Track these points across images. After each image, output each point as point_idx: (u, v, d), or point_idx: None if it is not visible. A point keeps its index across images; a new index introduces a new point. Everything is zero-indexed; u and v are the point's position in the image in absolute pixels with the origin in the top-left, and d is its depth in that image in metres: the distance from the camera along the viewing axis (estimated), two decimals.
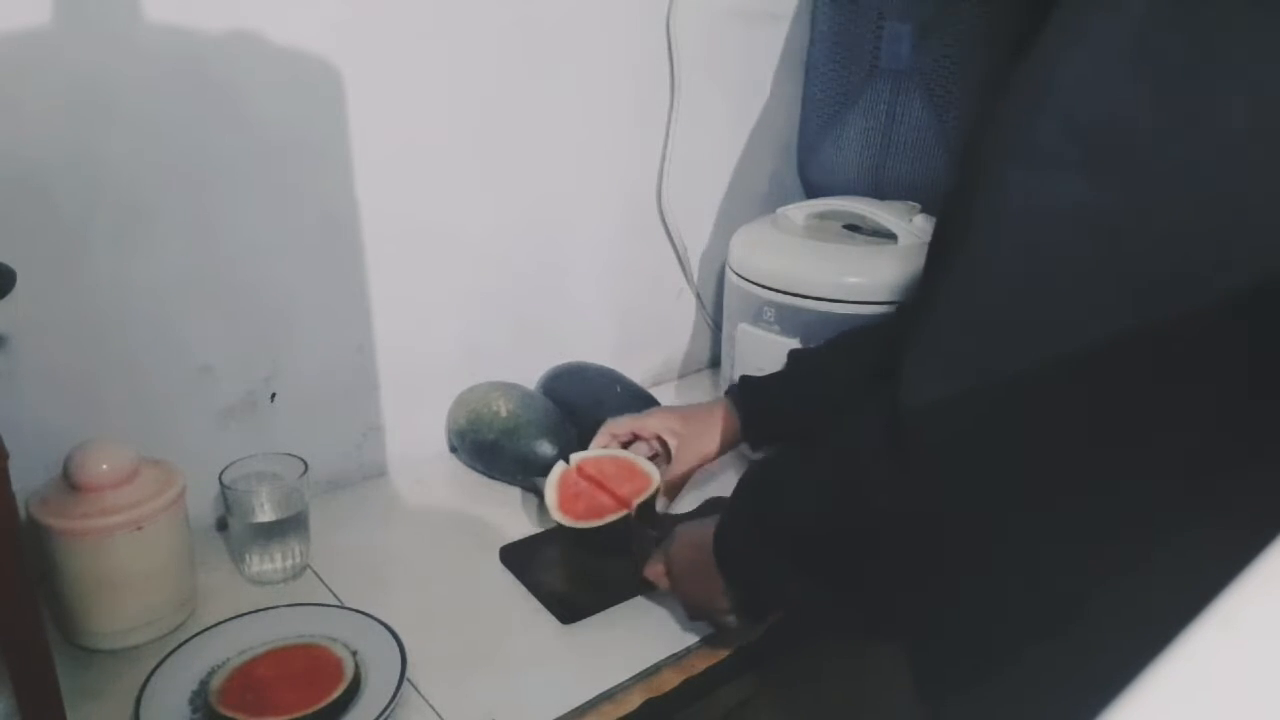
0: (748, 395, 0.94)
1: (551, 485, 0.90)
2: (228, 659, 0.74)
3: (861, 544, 0.62)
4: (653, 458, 0.95)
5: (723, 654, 0.81)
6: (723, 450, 0.94)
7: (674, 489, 0.94)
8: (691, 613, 0.80)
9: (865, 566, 0.63)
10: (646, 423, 0.95)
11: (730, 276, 1.12)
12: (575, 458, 0.92)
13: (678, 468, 0.92)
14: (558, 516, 0.88)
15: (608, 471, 0.91)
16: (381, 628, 0.78)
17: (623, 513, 0.87)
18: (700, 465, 0.94)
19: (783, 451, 0.77)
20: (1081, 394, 0.49)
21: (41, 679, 0.55)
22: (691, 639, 0.81)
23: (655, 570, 0.81)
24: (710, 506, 0.97)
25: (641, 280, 1.28)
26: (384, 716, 0.69)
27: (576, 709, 0.74)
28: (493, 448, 1.04)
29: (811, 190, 1.36)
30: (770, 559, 0.68)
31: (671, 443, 0.93)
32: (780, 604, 0.77)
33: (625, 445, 0.95)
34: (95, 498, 0.75)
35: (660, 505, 0.91)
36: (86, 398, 0.85)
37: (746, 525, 0.70)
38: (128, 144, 0.82)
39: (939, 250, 0.63)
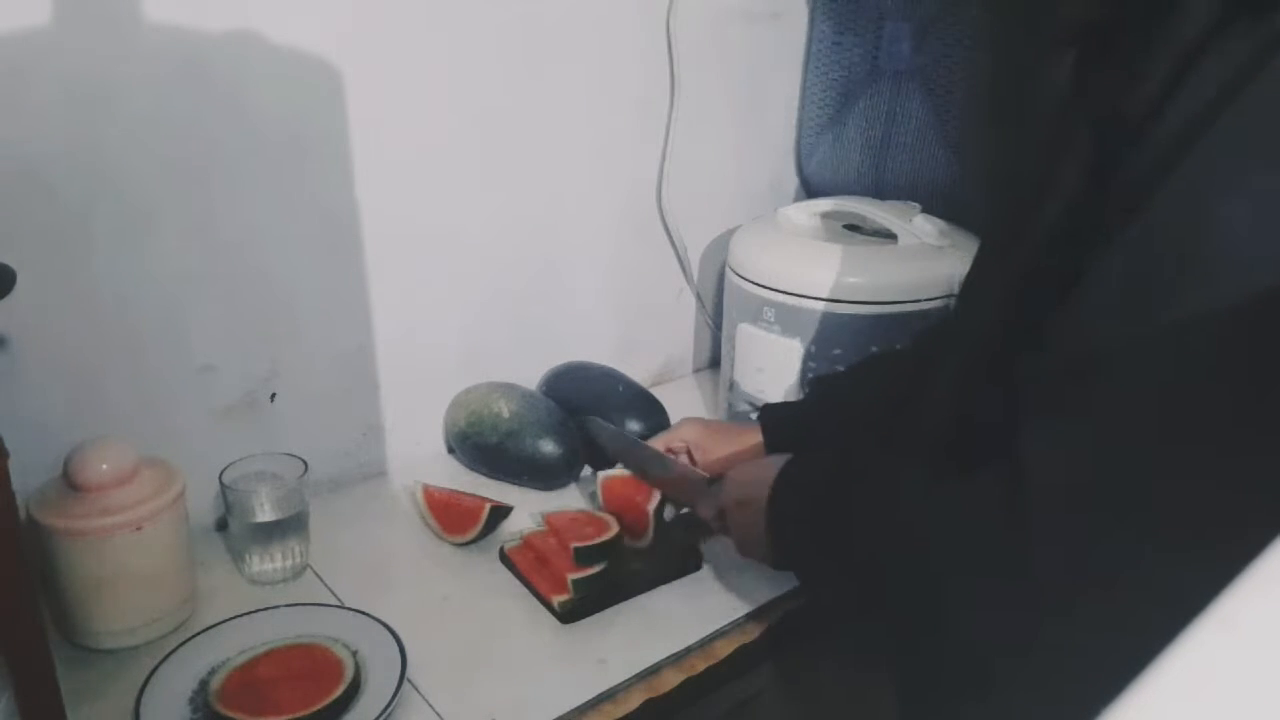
0: (770, 420, 0.95)
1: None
2: (228, 659, 0.74)
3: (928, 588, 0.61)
4: None
5: (723, 654, 0.81)
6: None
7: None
8: (741, 548, 0.82)
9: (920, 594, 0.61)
10: (670, 436, 0.97)
11: (730, 276, 1.12)
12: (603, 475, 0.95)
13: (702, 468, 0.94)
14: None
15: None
16: (381, 628, 0.78)
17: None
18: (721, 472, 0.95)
19: (863, 458, 0.74)
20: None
21: (41, 679, 0.55)
22: (691, 639, 0.81)
23: (707, 510, 0.84)
24: None
25: (641, 280, 1.28)
26: (384, 716, 0.69)
27: (576, 709, 0.74)
28: (496, 450, 1.04)
29: (811, 190, 1.36)
30: (823, 560, 0.71)
31: (696, 455, 0.95)
32: (811, 583, 0.79)
33: None
34: (95, 498, 0.75)
35: (667, 514, 0.92)
36: (87, 397, 0.85)
37: (805, 521, 0.72)
38: (129, 142, 0.82)
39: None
